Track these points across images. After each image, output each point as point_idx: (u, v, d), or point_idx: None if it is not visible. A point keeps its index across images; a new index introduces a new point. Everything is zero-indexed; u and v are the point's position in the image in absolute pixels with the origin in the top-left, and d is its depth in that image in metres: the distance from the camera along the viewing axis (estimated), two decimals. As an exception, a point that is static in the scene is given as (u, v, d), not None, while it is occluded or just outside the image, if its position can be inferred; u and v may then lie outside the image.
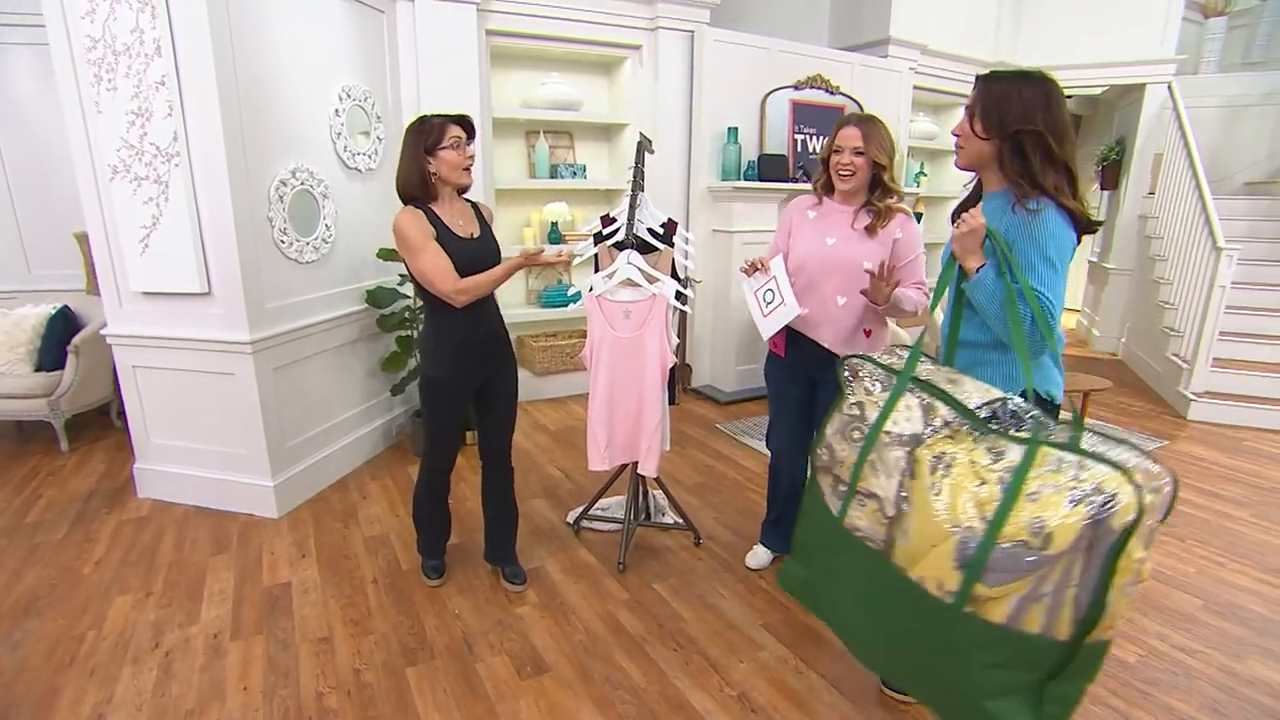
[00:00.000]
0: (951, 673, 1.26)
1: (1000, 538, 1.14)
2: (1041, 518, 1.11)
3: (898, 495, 1.32)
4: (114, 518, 2.94)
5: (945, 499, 1.23)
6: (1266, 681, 2.02)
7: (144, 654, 2.09)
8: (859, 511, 1.41)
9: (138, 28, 2.46)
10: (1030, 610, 1.15)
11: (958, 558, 1.19)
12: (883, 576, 1.34)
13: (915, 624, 1.29)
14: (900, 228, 2.05)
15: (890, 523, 1.34)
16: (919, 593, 1.26)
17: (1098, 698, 1.93)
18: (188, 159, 2.60)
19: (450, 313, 2.11)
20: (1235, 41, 6.75)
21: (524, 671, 2.02)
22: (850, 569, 1.44)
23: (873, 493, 1.38)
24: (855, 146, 2.01)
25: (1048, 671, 1.18)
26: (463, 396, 2.25)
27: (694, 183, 4.56)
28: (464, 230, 2.12)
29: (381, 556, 2.64)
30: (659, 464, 2.46)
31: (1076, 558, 1.10)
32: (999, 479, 1.18)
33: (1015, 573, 1.14)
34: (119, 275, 2.86)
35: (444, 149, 2.04)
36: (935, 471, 1.27)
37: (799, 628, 2.23)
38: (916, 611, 1.27)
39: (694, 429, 4.08)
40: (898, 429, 1.36)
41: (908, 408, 1.38)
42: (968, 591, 1.19)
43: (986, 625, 1.18)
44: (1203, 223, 4.56)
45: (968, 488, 1.21)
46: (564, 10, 3.99)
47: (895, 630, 1.36)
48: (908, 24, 5.21)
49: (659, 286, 2.28)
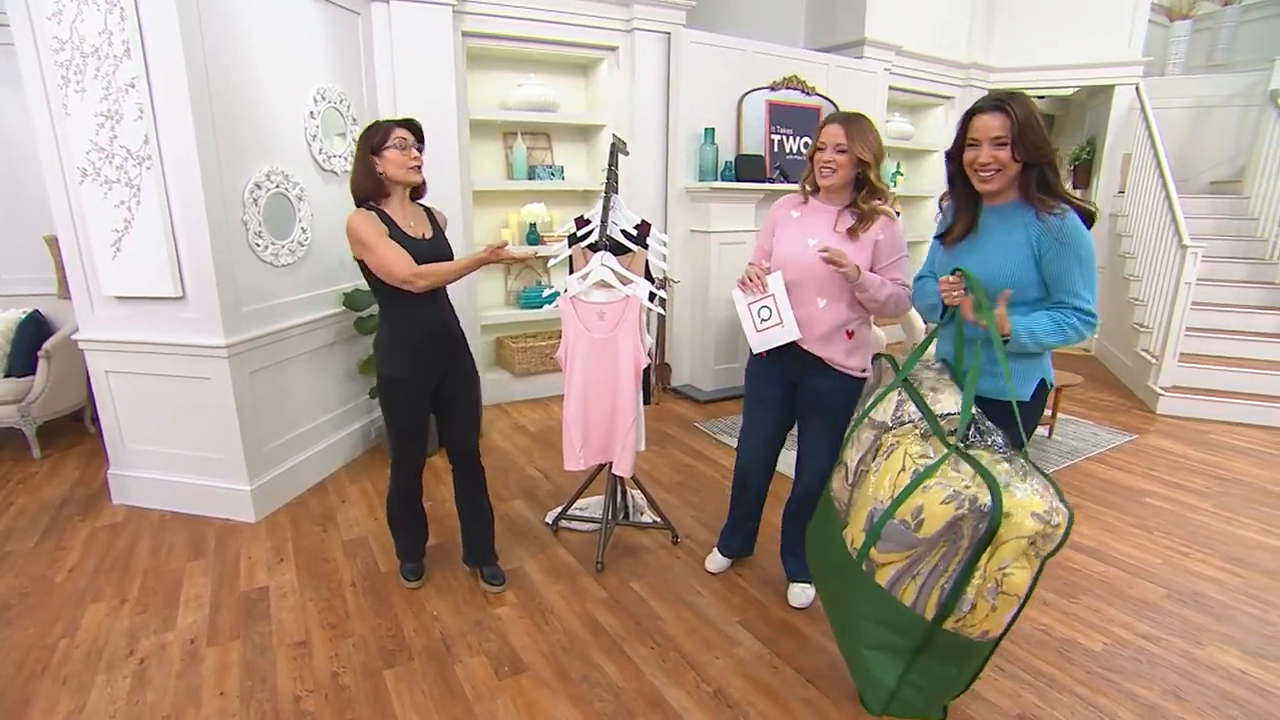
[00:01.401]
0: (851, 620, 1.56)
1: (895, 514, 1.41)
2: (923, 504, 1.36)
3: (857, 467, 1.64)
4: (88, 525, 2.91)
5: (876, 476, 1.53)
6: (1224, 666, 2.08)
7: (118, 661, 2.08)
8: (837, 475, 1.73)
9: (106, 29, 2.43)
10: (906, 583, 1.41)
11: (867, 523, 1.49)
12: (836, 529, 1.65)
13: (839, 574, 1.61)
14: (882, 230, 2.04)
15: (851, 489, 1.64)
16: (845, 548, 1.58)
17: (1064, 686, 1.99)
18: (159, 162, 2.58)
19: (405, 311, 2.15)
20: (1200, 44, 6.91)
21: (502, 671, 2.03)
22: (824, 522, 1.75)
23: (844, 461, 1.70)
24: (838, 144, 1.99)
25: (916, 643, 1.41)
26: (421, 394, 2.25)
27: (671, 183, 4.59)
28: (415, 231, 2.16)
29: (360, 560, 2.64)
30: (634, 464, 2.49)
31: (948, 550, 1.35)
32: (914, 470, 1.43)
33: (898, 545, 1.41)
34: (90, 279, 2.83)
35: (389, 148, 2.08)
36: (880, 454, 1.56)
37: (775, 624, 2.26)
38: (842, 563, 1.58)
39: (673, 428, 4.11)
40: (878, 416, 1.64)
41: (891, 401, 1.63)
42: (865, 552, 1.48)
43: (874, 584, 1.47)
44: (1169, 221, 4.66)
45: (893, 470, 1.48)
46: (540, 12, 4.00)
47: (833, 583, 1.67)
48: (882, 25, 5.28)
49: (632, 288, 2.30)
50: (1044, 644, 2.16)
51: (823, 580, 1.79)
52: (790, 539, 2.36)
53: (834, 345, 2.09)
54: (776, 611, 2.32)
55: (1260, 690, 1.98)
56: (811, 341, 2.09)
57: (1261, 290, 4.93)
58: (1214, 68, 6.74)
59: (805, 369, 2.13)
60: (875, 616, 1.47)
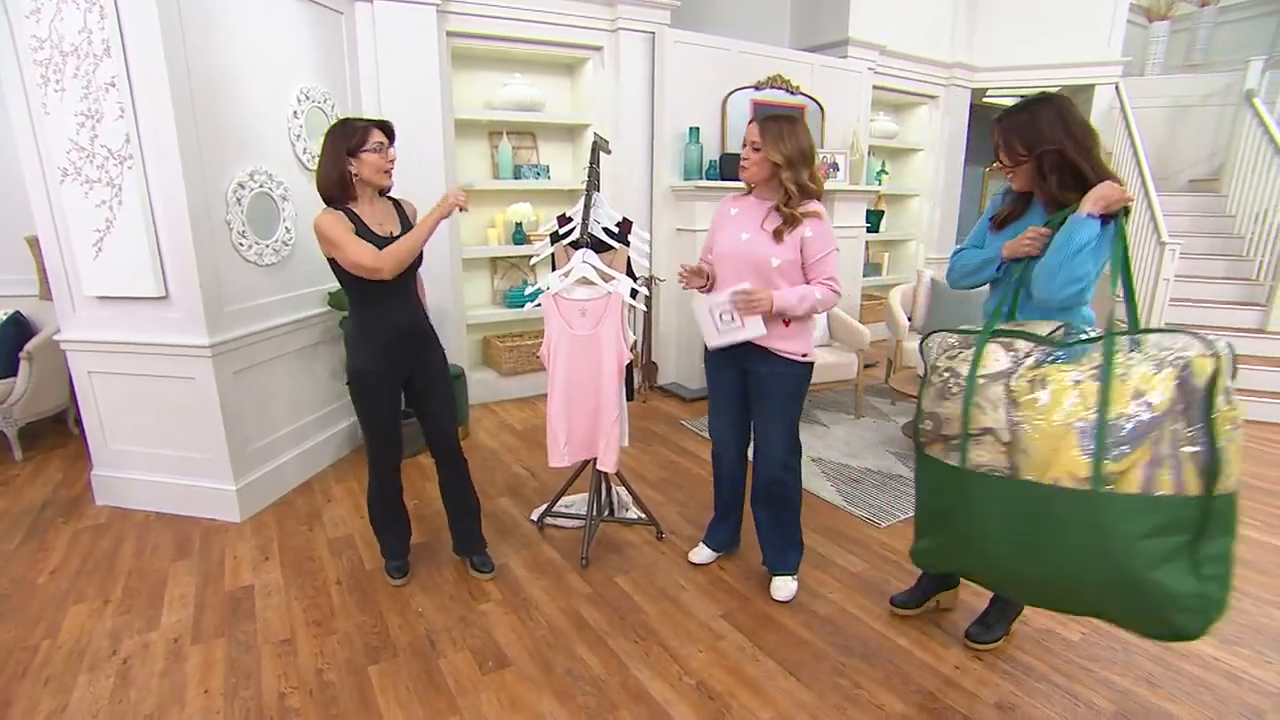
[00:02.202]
0: (1113, 561, 1.39)
1: (1111, 416, 1.36)
2: (1137, 388, 1.36)
3: (1009, 421, 1.50)
4: (71, 526, 2.90)
5: (1053, 406, 1.44)
6: (1198, 653, 2.12)
7: (101, 661, 2.07)
8: (978, 450, 1.56)
9: (85, 28, 2.43)
10: (1159, 474, 1.34)
11: (1081, 446, 1.39)
12: (1020, 496, 1.49)
13: (1065, 527, 1.44)
14: (810, 227, 2.10)
15: (1009, 448, 1.51)
16: (1058, 492, 1.43)
17: (1041, 675, 2.02)
18: (141, 161, 2.57)
19: (376, 304, 2.17)
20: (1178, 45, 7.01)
21: (486, 666, 2.04)
22: (988, 506, 1.56)
23: (986, 428, 1.55)
24: (753, 142, 2.10)
25: (1195, 530, 1.34)
26: (391, 388, 2.26)
27: (657, 182, 4.61)
28: (383, 229, 2.17)
29: (345, 558, 2.64)
30: (618, 460, 2.50)
31: (1178, 419, 1.33)
32: (1091, 376, 1.42)
33: (1133, 441, 1.35)
34: (72, 279, 2.82)
35: (367, 151, 2.08)
36: (1034, 390, 1.48)
37: (758, 617, 2.28)
38: (1062, 512, 1.43)
39: (659, 425, 4.13)
40: (990, 370, 1.57)
41: (992, 354, 1.59)
42: (1099, 471, 1.37)
43: (1127, 497, 1.36)
44: (1148, 218, 4.73)
45: (1067, 391, 1.43)
46: (524, 12, 4.01)
47: (1048, 547, 1.47)
48: (866, 25, 5.33)
49: (614, 285, 2.32)
50: (1023, 634, 2.20)
51: (1049, 580, 1.52)
52: (764, 527, 2.40)
53: (772, 334, 2.16)
54: (760, 605, 2.35)
55: (1232, 676, 2.02)
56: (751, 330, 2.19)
57: (1239, 286, 5.01)
58: (1191, 68, 6.84)
59: (749, 355, 2.22)
60: (1143, 530, 1.36)
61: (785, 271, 2.11)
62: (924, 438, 1.72)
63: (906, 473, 3.40)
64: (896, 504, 3.07)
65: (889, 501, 3.10)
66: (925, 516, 1.78)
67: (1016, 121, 1.80)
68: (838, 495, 3.16)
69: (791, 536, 2.38)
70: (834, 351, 4.12)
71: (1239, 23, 6.71)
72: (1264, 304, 4.76)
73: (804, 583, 2.45)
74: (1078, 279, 1.70)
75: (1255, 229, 5.05)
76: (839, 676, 2.00)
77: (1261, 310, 4.75)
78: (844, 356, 4.06)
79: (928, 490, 1.75)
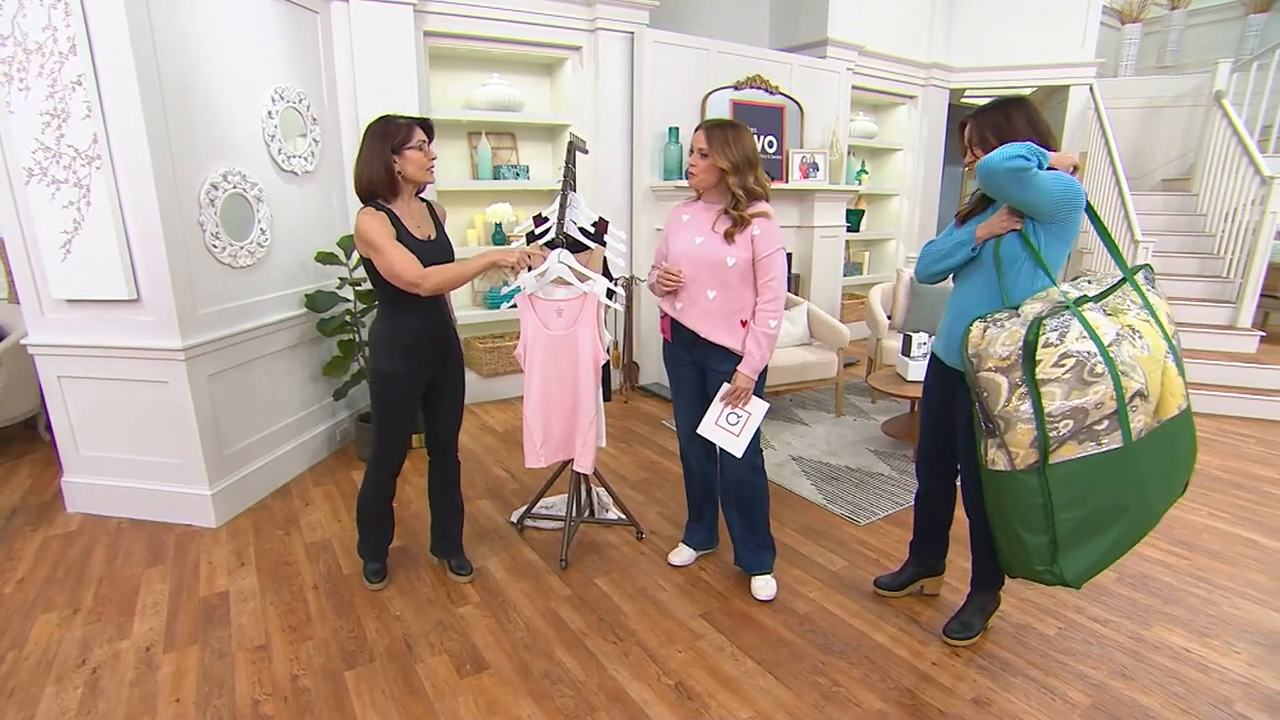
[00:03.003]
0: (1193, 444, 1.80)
1: (1171, 338, 1.68)
2: (1167, 312, 1.71)
3: (1145, 378, 1.60)
4: (40, 534, 2.84)
5: (1153, 348, 1.63)
6: (1169, 645, 2.16)
7: (69, 672, 2.03)
8: (1135, 417, 1.60)
9: (50, 25, 2.38)
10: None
11: (1175, 368, 1.67)
12: (1164, 440, 1.67)
13: (1186, 445, 1.77)
14: (759, 226, 2.14)
15: (1146, 401, 1.62)
16: (1184, 418, 1.71)
17: (1018, 669, 2.04)
18: (110, 162, 2.53)
19: (407, 309, 2.16)
20: (1150, 46, 7.13)
21: (463, 670, 2.03)
22: (1150, 466, 1.66)
23: (1136, 393, 1.59)
24: (700, 149, 2.14)
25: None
26: (415, 392, 2.26)
27: (636, 182, 4.61)
28: (421, 232, 2.16)
29: (323, 562, 2.61)
30: (594, 461, 2.50)
31: None
32: (1145, 315, 1.67)
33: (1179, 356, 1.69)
34: (40, 282, 2.76)
35: (411, 149, 2.09)
36: (1135, 341, 1.62)
37: (738, 616, 2.29)
38: (1184, 433, 1.74)
39: (641, 426, 4.13)
40: (1109, 337, 1.59)
41: (1094, 322, 1.60)
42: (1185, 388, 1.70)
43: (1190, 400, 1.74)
44: (1122, 217, 4.80)
45: (1151, 332, 1.64)
46: (502, 11, 3.99)
47: (1176, 468, 1.76)
48: (844, 26, 5.36)
49: (590, 284, 2.32)
50: (1000, 630, 2.22)
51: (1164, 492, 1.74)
52: (736, 529, 2.40)
53: (730, 333, 2.20)
54: (739, 604, 2.35)
55: (1203, 668, 2.05)
56: (708, 331, 2.21)
57: (1210, 284, 5.10)
58: (1163, 69, 6.95)
59: (708, 355, 2.25)
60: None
61: (740, 270, 2.15)
62: (1052, 444, 1.57)
63: (886, 470, 3.43)
64: (876, 501, 3.09)
65: (868, 499, 3.12)
66: (1074, 531, 1.61)
67: (991, 118, 1.87)
68: (817, 493, 3.17)
69: (763, 536, 2.39)
70: (814, 350, 4.14)
71: (1208, 25, 6.84)
72: (1234, 301, 4.85)
73: (783, 581, 2.46)
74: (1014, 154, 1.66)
75: (1225, 227, 5.14)
76: (817, 674, 2.01)
77: (1231, 307, 4.84)
78: (824, 355, 4.08)
79: (1070, 500, 1.59)
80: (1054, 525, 1.61)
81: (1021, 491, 1.63)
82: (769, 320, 2.17)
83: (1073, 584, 1.66)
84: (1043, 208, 1.72)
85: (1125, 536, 1.67)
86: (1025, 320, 1.63)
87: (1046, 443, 1.58)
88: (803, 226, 5.44)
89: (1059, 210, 1.72)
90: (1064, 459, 1.58)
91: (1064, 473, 1.59)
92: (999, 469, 1.67)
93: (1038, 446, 1.59)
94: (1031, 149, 1.68)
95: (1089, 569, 1.66)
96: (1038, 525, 1.63)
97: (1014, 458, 1.63)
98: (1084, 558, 1.63)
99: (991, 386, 1.64)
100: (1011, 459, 1.63)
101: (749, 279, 2.17)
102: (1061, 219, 1.74)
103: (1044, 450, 1.58)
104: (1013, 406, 1.61)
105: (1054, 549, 1.63)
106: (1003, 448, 1.64)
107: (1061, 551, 1.63)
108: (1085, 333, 1.57)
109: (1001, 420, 1.63)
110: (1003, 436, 1.64)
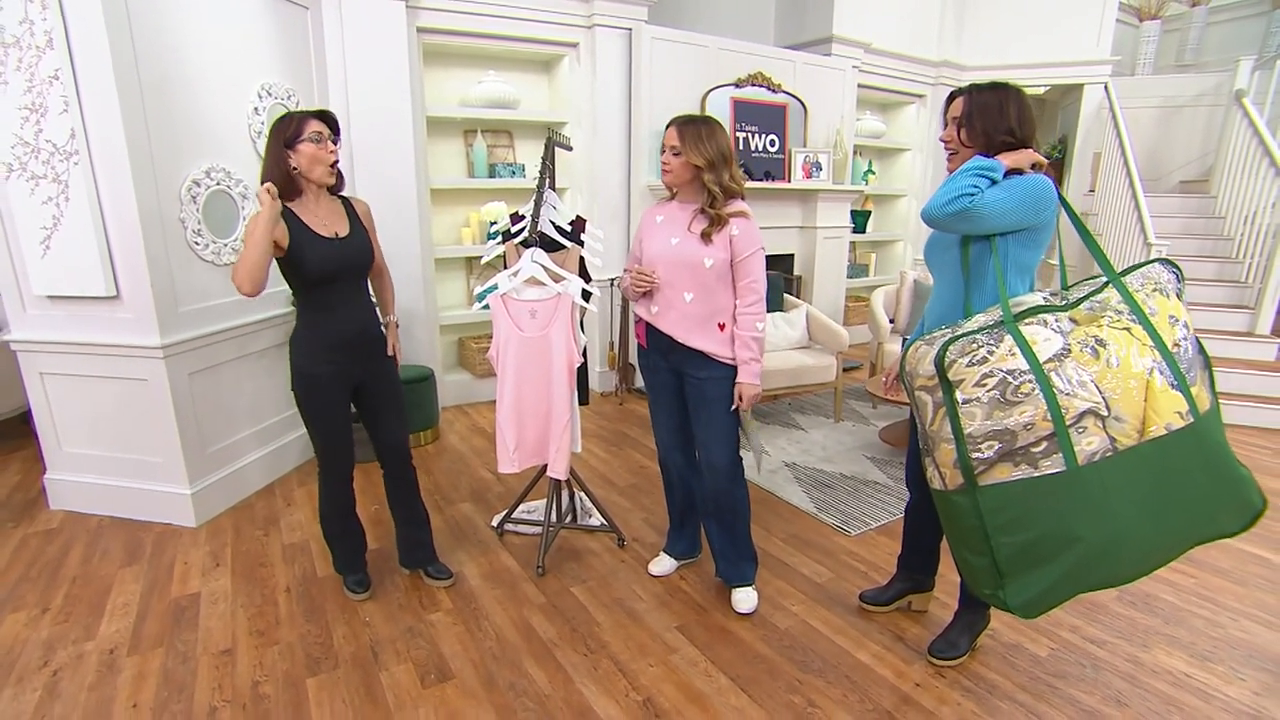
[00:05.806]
0: (1221, 473, 1.50)
1: (1169, 347, 1.47)
2: (1170, 314, 1.49)
3: (1103, 395, 1.44)
4: (20, 531, 2.82)
5: (1124, 360, 1.44)
6: (1169, 670, 2.05)
7: (29, 674, 2.00)
8: (1084, 440, 1.43)
9: (27, 18, 2.36)
10: (1200, 382, 1.51)
11: (1170, 384, 1.45)
12: (1139, 464, 1.44)
13: (1188, 468, 1.47)
14: (737, 225, 2.06)
15: (1104, 422, 1.43)
16: (1172, 439, 1.44)
17: (1005, 693, 1.94)
18: (88, 157, 2.50)
19: (321, 308, 2.10)
20: (1169, 44, 6.94)
21: (427, 679, 1.97)
22: (1117, 494, 1.44)
23: (1084, 411, 1.43)
24: (672, 146, 2.06)
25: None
26: (339, 392, 2.16)
27: (634, 180, 4.54)
28: (327, 229, 2.06)
29: (299, 565, 2.57)
30: (568, 465, 2.43)
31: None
32: (1126, 322, 1.47)
33: (1190, 362, 1.49)
34: (20, 278, 2.75)
35: (303, 142, 1.98)
36: (1099, 355, 1.45)
37: (714, 630, 2.21)
38: (1180, 454, 1.45)
39: (634, 429, 4.06)
40: (1050, 352, 1.46)
41: (1035, 336, 1.48)
42: (1191, 400, 1.46)
43: (1211, 412, 1.50)
44: (1136, 219, 4.66)
45: (1127, 342, 1.45)
46: (497, 8, 3.94)
47: (1175, 497, 1.47)
48: (851, 23, 5.26)
49: (564, 285, 2.25)
50: (989, 650, 2.12)
51: (1166, 532, 1.49)
52: (717, 540, 2.32)
53: (707, 338, 2.12)
54: (717, 617, 2.27)
55: (1204, 695, 1.94)
56: (685, 335, 2.13)
57: (1228, 289, 4.93)
58: (1182, 68, 6.77)
59: (685, 361, 2.17)
60: (1222, 432, 1.52)
61: (718, 271, 2.07)
62: (980, 467, 1.47)
63: (882, 478, 3.33)
64: (869, 511, 3.00)
65: (861, 508, 3.02)
66: (1017, 557, 1.48)
67: (984, 101, 1.74)
68: (808, 501, 3.08)
69: (745, 547, 2.31)
70: (812, 354, 4.05)
71: (1230, 22, 6.64)
72: (1253, 306, 4.69)
73: (765, 594, 2.38)
74: (952, 195, 1.63)
75: (1245, 231, 4.97)
76: (793, 694, 1.93)
77: (1250, 313, 4.68)
78: (823, 359, 3.98)
79: (1006, 524, 1.47)
80: (992, 549, 1.50)
81: (955, 512, 1.55)
82: (755, 323, 2.09)
83: (1018, 612, 1.52)
84: (1003, 227, 1.66)
85: (1084, 571, 1.47)
86: (949, 338, 1.54)
87: (969, 464, 1.48)
88: (805, 227, 5.34)
89: (1023, 221, 1.66)
90: (996, 481, 1.47)
91: (995, 495, 1.48)
92: (935, 488, 1.61)
93: (959, 468, 1.50)
94: (978, 168, 1.62)
95: (1038, 599, 1.50)
96: (977, 546, 1.53)
97: (944, 477, 1.55)
98: (1030, 586, 1.49)
99: (921, 405, 1.57)
100: (943, 479, 1.56)
101: (727, 280, 2.09)
102: (1030, 224, 1.67)
103: (967, 471, 1.49)
104: (937, 426, 1.53)
105: (998, 573, 1.51)
106: (935, 466, 1.57)
107: (1006, 577, 1.51)
108: (1017, 349, 1.46)
109: (931, 439, 1.57)
110: (933, 455, 1.57)
